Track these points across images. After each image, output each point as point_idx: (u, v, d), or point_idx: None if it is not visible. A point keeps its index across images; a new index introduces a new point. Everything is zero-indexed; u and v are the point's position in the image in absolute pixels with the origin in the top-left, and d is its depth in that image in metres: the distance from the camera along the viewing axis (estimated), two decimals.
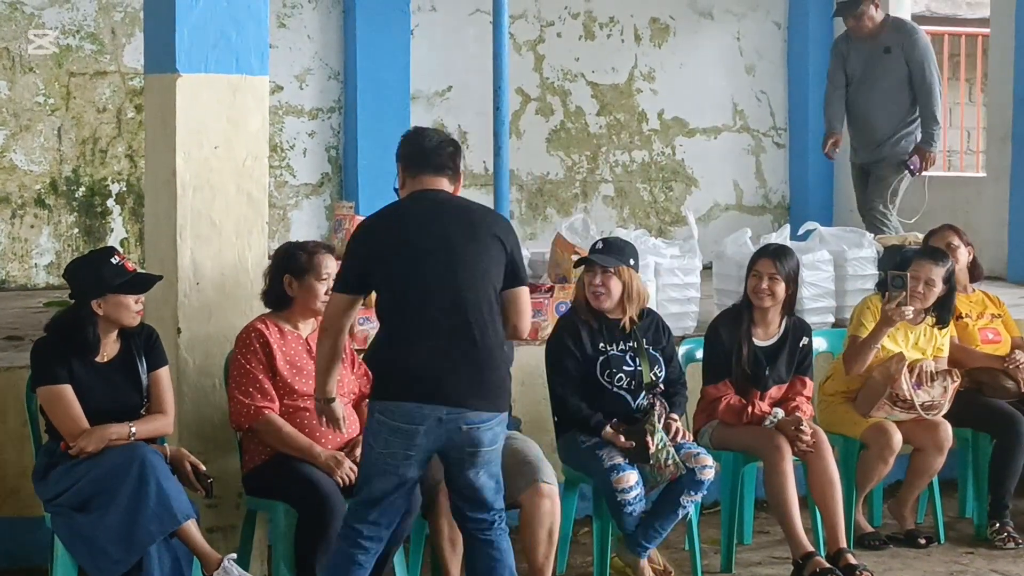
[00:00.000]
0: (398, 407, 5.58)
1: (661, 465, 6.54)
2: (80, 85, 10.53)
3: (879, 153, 9.87)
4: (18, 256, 10.38)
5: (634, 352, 6.77)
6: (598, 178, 12.27)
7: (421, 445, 5.59)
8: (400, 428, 5.58)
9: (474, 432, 5.58)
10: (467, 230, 5.64)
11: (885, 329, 7.28)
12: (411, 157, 5.80)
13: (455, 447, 5.62)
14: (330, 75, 11.35)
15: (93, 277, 5.97)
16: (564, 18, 12.10)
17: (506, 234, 5.71)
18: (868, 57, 9.83)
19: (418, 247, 5.62)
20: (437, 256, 5.60)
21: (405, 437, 5.58)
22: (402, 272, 5.62)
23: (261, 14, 6.59)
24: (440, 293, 5.58)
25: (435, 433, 5.57)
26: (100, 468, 5.74)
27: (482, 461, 5.65)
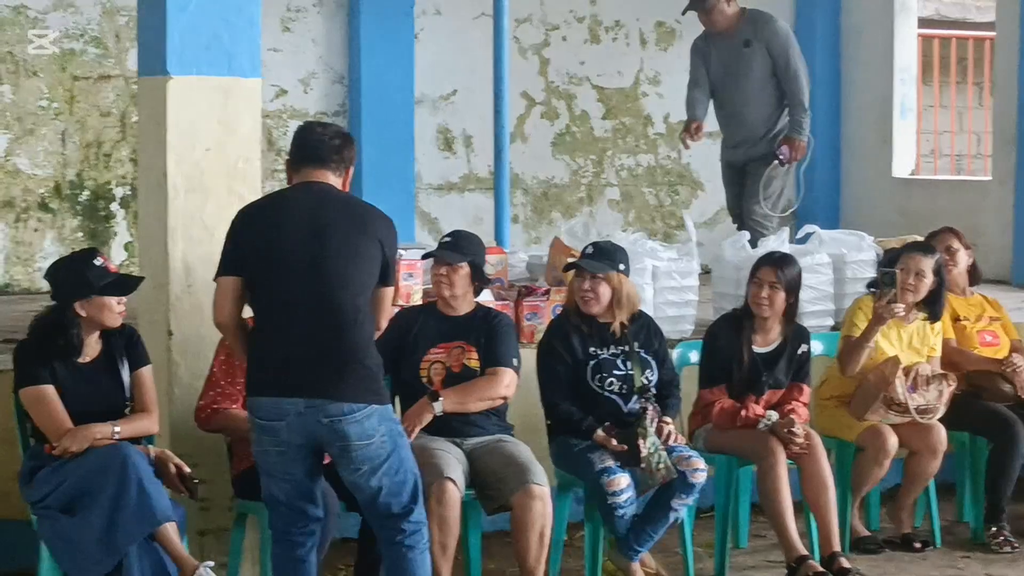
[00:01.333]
0: (261, 403, 5.56)
1: (652, 469, 6.52)
2: (84, 89, 10.55)
3: (756, 150, 9.43)
4: (22, 260, 10.40)
5: (625, 356, 6.76)
6: (603, 182, 12.26)
7: (289, 441, 5.53)
8: (264, 425, 5.56)
9: (336, 425, 5.48)
10: (343, 224, 5.58)
11: (877, 327, 7.25)
12: (296, 150, 5.80)
13: (326, 442, 5.54)
14: (334, 79, 11.36)
15: (76, 279, 5.96)
16: (569, 22, 12.09)
17: (384, 234, 5.64)
18: (729, 53, 9.41)
19: (289, 236, 5.57)
20: (306, 247, 5.54)
21: (271, 434, 5.55)
22: (270, 261, 5.58)
23: (253, 16, 6.58)
24: (307, 284, 5.52)
25: (298, 427, 5.50)
26: (83, 469, 5.73)
27: (360, 459, 5.52)
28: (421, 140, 11.47)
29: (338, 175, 5.74)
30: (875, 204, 12.03)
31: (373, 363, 5.60)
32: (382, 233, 5.65)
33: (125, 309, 6.05)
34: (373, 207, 5.81)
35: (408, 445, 5.74)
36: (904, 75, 12.14)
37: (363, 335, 5.58)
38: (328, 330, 5.52)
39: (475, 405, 6.53)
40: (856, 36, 12.36)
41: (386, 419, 5.60)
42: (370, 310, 5.63)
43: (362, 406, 5.51)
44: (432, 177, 11.68)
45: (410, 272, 7.26)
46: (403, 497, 5.63)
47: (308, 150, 5.76)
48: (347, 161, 5.77)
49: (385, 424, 5.58)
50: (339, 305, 5.53)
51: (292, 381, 5.51)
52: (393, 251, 5.71)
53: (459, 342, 6.60)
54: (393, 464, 5.59)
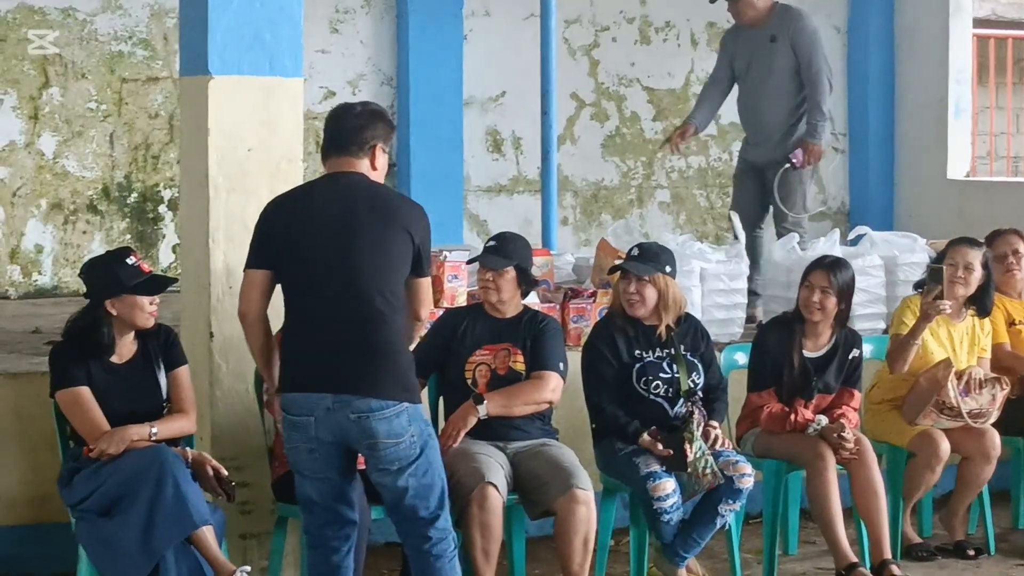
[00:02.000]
0: (291, 399, 5.50)
1: (699, 473, 6.43)
2: (132, 91, 10.55)
3: (776, 152, 9.06)
4: (70, 262, 10.40)
5: (671, 359, 6.67)
6: (654, 184, 12.17)
7: (318, 438, 5.45)
8: (295, 421, 5.49)
9: (364, 421, 5.39)
10: (371, 215, 5.49)
11: (924, 325, 7.15)
12: (326, 137, 5.69)
13: (354, 440, 5.45)
14: (383, 81, 11.31)
15: (108, 277, 5.94)
16: (619, 23, 12.01)
17: (413, 223, 5.53)
18: (755, 48, 9.08)
19: (318, 229, 5.50)
20: (333, 241, 5.47)
21: (301, 431, 5.48)
22: (298, 256, 5.51)
23: (296, 15, 6.52)
24: (334, 277, 5.45)
25: (327, 423, 5.42)
26: (121, 472, 5.70)
27: (389, 457, 5.43)
28: (470, 142, 11.41)
29: (362, 157, 5.60)
30: (929, 206, 11.88)
31: (404, 360, 5.52)
32: (410, 223, 5.54)
33: (157, 310, 6.00)
34: (401, 196, 5.74)
35: (438, 449, 5.64)
36: (959, 76, 11.99)
37: (392, 330, 5.48)
38: (356, 324, 5.44)
39: (520, 409, 6.46)
40: (910, 36, 12.22)
41: (417, 419, 5.50)
42: (403, 304, 5.54)
43: (392, 403, 5.42)
44: (481, 179, 11.62)
45: (455, 274, 7.18)
46: (430, 501, 5.54)
47: (330, 137, 5.67)
48: (372, 139, 5.61)
49: (416, 424, 5.48)
50: (367, 299, 5.44)
51: (320, 375, 5.44)
52: (425, 240, 5.59)
53: (506, 344, 6.53)
54: (421, 466, 5.50)
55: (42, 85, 10.32)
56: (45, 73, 10.32)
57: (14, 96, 10.26)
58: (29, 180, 10.31)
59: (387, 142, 5.69)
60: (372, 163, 5.63)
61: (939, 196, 11.92)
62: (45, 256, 10.38)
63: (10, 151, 10.27)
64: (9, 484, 6.69)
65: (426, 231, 5.61)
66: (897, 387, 7.33)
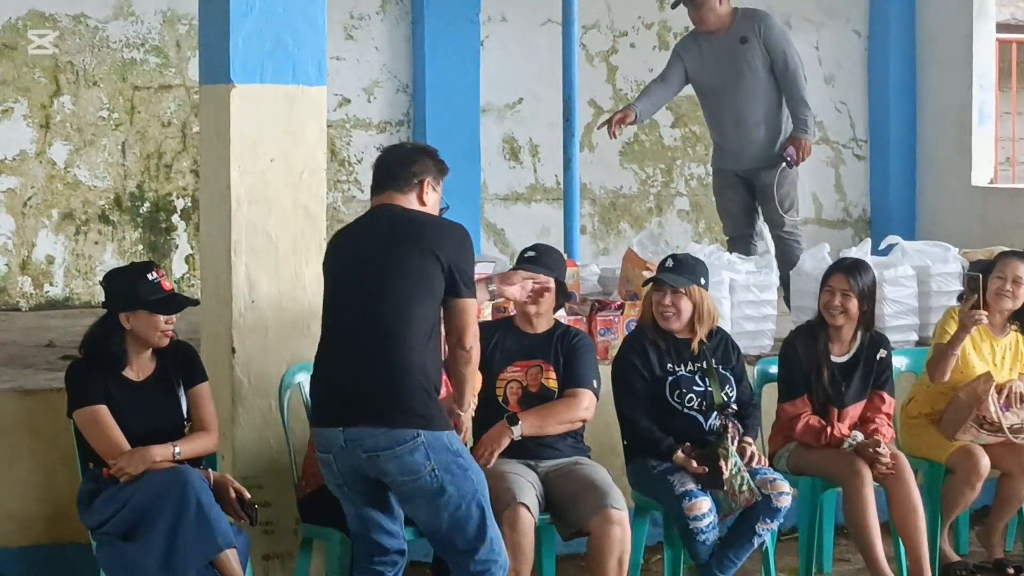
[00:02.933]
0: (317, 433, 5.50)
1: (735, 491, 6.29)
2: (145, 99, 10.41)
3: (763, 155, 8.80)
4: (82, 273, 10.26)
5: (703, 372, 6.53)
6: (673, 192, 12.02)
7: (343, 474, 5.42)
8: (321, 458, 5.48)
9: (375, 460, 5.31)
10: (390, 241, 5.44)
11: (963, 334, 7.02)
12: (374, 176, 5.71)
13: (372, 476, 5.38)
14: (398, 87, 11.17)
15: (126, 289, 5.82)
16: (638, 28, 11.86)
17: (442, 244, 5.43)
18: (723, 52, 8.83)
19: (343, 259, 5.51)
20: (353, 267, 5.44)
21: (327, 467, 5.47)
22: (328, 285, 5.55)
23: (318, 22, 6.39)
24: (351, 306, 5.40)
25: (344, 461, 5.38)
26: (143, 493, 5.57)
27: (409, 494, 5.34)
28: (487, 150, 11.28)
29: (408, 192, 5.58)
30: (953, 214, 11.72)
31: (418, 383, 5.35)
32: (436, 243, 5.43)
33: (172, 330, 5.85)
34: (432, 218, 5.61)
35: (472, 478, 5.46)
36: (983, 81, 11.84)
37: (407, 353, 5.35)
38: (368, 352, 5.35)
39: (554, 428, 6.32)
40: (932, 41, 12.07)
41: (437, 450, 5.32)
42: (428, 329, 5.41)
43: (404, 437, 5.29)
44: (498, 187, 11.47)
45: None
46: (467, 533, 5.41)
47: (376, 173, 5.70)
48: (418, 174, 5.60)
49: (435, 456, 5.31)
50: (381, 326, 5.36)
51: (333, 409, 5.40)
52: (458, 259, 5.47)
53: (537, 360, 6.37)
54: (452, 499, 5.36)
55: (53, 93, 10.18)
56: (56, 81, 10.18)
57: (25, 104, 10.12)
58: (40, 190, 10.17)
59: (437, 180, 5.68)
60: (420, 199, 5.59)
61: (962, 203, 11.76)
62: (56, 267, 10.24)
63: (21, 160, 10.13)
64: (25, 503, 6.57)
65: (458, 249, 5.49)
66: (935, 401, 7.18)
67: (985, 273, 7.21)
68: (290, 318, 6.34)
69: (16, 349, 8.16)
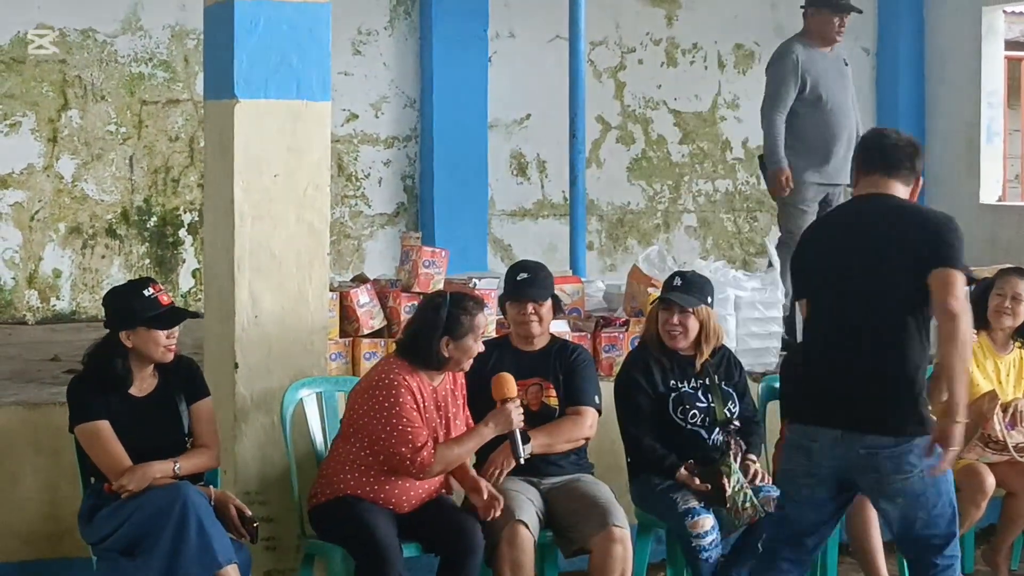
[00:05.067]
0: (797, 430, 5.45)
1: (739, 509, 6.26)
2: (152, 113, 10.44)
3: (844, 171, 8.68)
4: (88, 287, 10.27)
5: (706, 389, 6.52)
6: (680, 208, 12.02)
7: (819, 464, 5.36)
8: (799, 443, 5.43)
9: (873, 458, 5.27)
10: (883, 236, 5.29)
11: None
12: (865, 155, 5.50)
13: (858, 472, 5.35)
14: (406, 103, 11.19)
15: (124, 308, 5.78)
16: (646, 44, 11.88)
17: (928, 232, 5.23)
18: (837, 70, 8.94)
19: (845, 254, 5.36)
20: (859, 267, 5.31)
21: (803, 452, 5.40)
22: (823, 278, 5.41)
23: (323, 38, 6.37)
24: (845, 305, 5.33)
25: (831, 454, 5.33)
26: (144, 510, 5.54)
27: (895, 492, 5.32)
28: (494, 165, 11.29)
29: (907, 185, 5.42)
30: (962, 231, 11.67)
31: (918, 390, 5.34)
32: (921, 233, 5.23)
33: (175, 344, 5.82)
34: (931, 215, 5.38)
35: (947, 478, 5.45)
36: (992, 99, 11.85)
37: (906, 359, 5.30)
38: (863, 357, 5.30)
39: (561, 447, 6.34)
40: (941, 59, 12.08)
41: (925, 452, 5.33)
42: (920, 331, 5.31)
43: (904, 440, 5.29)
44: (505, 203, 11.48)
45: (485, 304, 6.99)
46: (940, 530, 5.42)
47: (878, 156, 5.45)
48: (917, 171, 5.44)
49: (925, 459, 5.31)
50: (876, 329, 5.29)
51: (824, 410, 5.34)
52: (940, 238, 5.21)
53: (536, 379, 6.36)
54: (930, 498, 5.37)
55: (61, 107, 10.21)
56: (64, 95, 10.21)
57: (33, 118, 10.15)
58: (47, 204, 10.19)
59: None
60: (912, 192, 5.45)
61: (971, 221, 11.68)
62: (63, 281, 10.25)
63: (28, 174, 10.15)
64: (28, 518, 6.56)
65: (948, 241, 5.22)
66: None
67: (984, 291, 7.19)
68: (293, 334, 6.33)
69: (21, 363, 8.16)
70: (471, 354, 6.00)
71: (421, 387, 5.97)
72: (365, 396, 5.94)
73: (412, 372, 5.97)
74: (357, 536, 5.79)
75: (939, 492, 5.40)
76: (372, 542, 5.74)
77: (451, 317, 5.96)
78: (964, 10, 11.90)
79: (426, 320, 6.01)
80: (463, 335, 5.95)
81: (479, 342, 6.01)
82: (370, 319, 6.95)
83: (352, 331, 6.92)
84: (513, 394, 5.98)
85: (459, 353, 5.98)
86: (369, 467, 5.93)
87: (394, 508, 5.93)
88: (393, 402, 5.87)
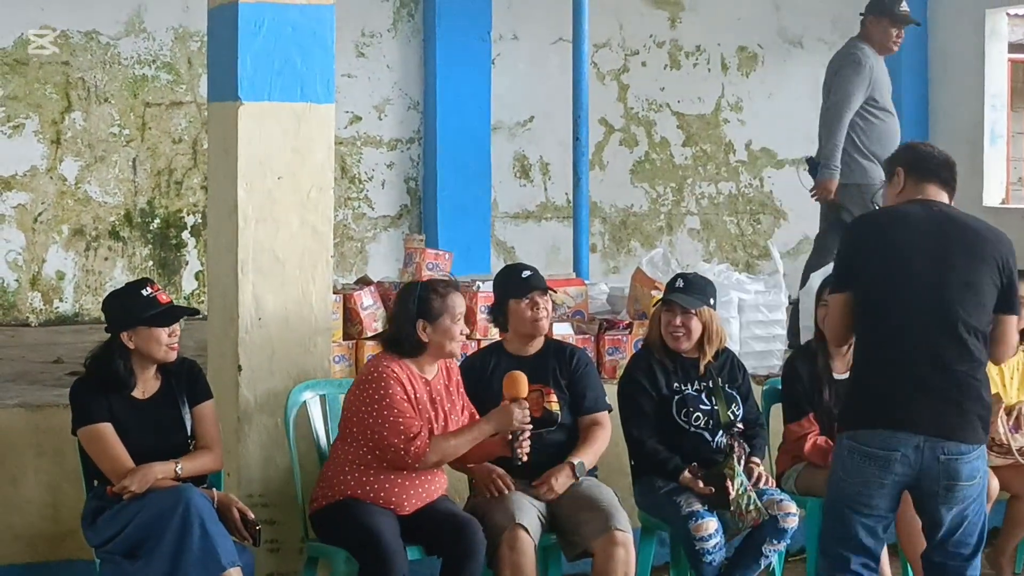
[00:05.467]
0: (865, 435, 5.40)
1: (742, 511, 6.26)
2: (155, 115, 10.43)
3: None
4: (91, 289, 10.26)
5: (710, 391, 6.51)
6: (683, 210, 12.01)
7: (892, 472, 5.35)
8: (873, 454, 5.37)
9: (952, 464, 5.31)
10: (965, 247, 5.35)
11: None
12: (919, 163, 5.56)
13: (930, 478, 5.35)
14: (409, 105, 11.18)
15: (123, 309, 5.78)
16: (649, 47, 11.86)
17: (1006, 257, 5.40)
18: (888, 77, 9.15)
19: (908, 257, 5.36)
20: (927, 273, 5.34)
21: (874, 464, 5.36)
22: (884, 280, 5.39)
23: (327, 40, 6.37)
24: (924, 312, 5.33)
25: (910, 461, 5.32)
26: (146, 512, 5.53)
27: (959, 497, 5.37)
28: (497, 168, 11.27)
29: (951, 198, 5.54)
30: None
31: (988, 398, 5.44)
32: (1001, 256, 5.40)
33: (177, 343, 5.81)
34: (991, 228, 5.51)
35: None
36: (995, 101, 11.83)
37: (980, 369, 5.39)
38: (944, 363, 5.32)
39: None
40: (944, 61, 12.06)
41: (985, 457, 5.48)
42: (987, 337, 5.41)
43: (977, 446, 5.37)
44: (508, 205, 11.47)
45: (487, 304, 6.97)
46: (976, 537, 5.49)
47: (934, 167, 5.55)
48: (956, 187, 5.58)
49: (985, 465, 5.46)
50: (957, 336, 5.33)
51: (903, 415, 5.33)
52: (1016, 275, 5.44)
53: (536, 386, 6.31)
54: (979, 505, 5.46)
55: (64, 109, 10.20)
56: (67, 97, 10.20)
57: (36, 120, 10.14)
58: (51, 205, 10.18)
59: None
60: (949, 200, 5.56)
61: None
62: (67, 283, 10.24)
63: (32, 176, 10.14)
64: (30, 520, 6.55)
65: (1013, 263, 5.46)
66: None
67: None
68: (296, 336, 6.32)
69: (24, 365, 8.15)
70: (452, 335, 5.99)
71: (412, 379, 5.98)
72: (356, 393, 5.97)
73: (401, 365, 5.98)
74: (361, 539, 5.78)
75: (982, 500, 5.49)
76: (377, 544, 5.73)
77: (422, 300, 5.99)
78: (967, 12, 11.88)
79: (401, 308, 6.06)
80: (437, 316, 5.96)
81: (457, 323, 6.00)
82: (373, 321, 6.95)
83: (355, 333, 6.93)
84: (523, 394, 5.97)
85: (438, 336, 5.98)
86: (368, 466, 5.93)
87: (395, 509, 5.92)
88: (383, 394, 5.88)
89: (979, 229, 5.45)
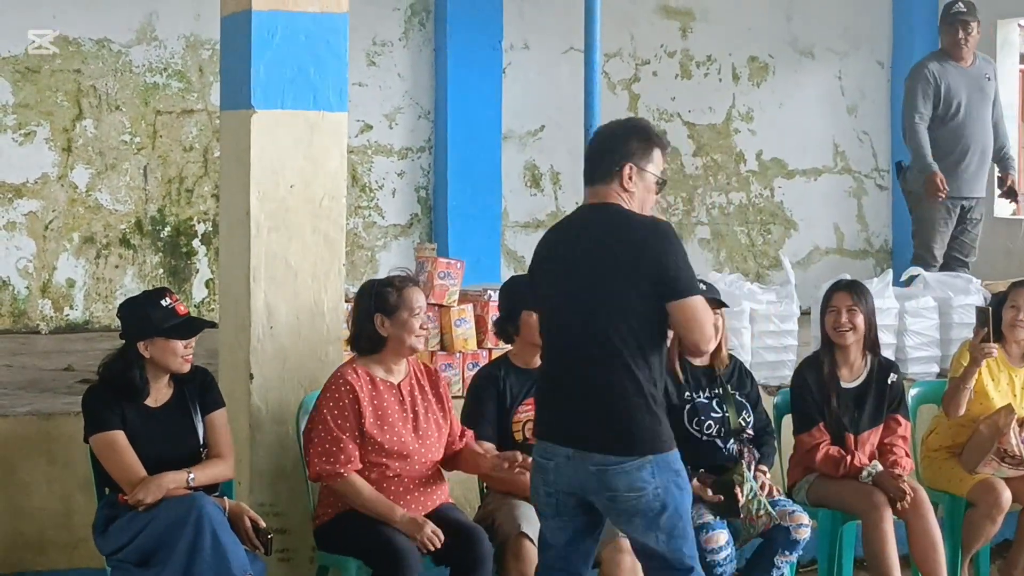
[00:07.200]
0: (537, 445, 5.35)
1: (753, 516, 6.26)
2: (167, 123, 10.42)
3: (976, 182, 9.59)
4: (102, 297, 10.26)
5: (720, 399, 6.50)
6: (694, 220, 11.98)
7: (556, 483, 5.24)
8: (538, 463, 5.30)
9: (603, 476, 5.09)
10: (599, 248, 5.14)
11: (974, 368, 7.00)
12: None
13: (593, 492, 5.19)
14: (420, 114, 11.16)
15: (141, 318, 5.78)
16: (660, 56, 11.84)
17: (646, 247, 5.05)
18: (973, 83, 9.49)
19: (556, 266, 5.29)
20: (566, 277, 5.21)
21: (542, 473, 5.28)
22: (545, 290, 5.34)
23: (340, 49, 6.37)
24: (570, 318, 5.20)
25: (567, 472, 5.18)
26: (158, 521, 5.52)
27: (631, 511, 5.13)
28: (508, 177, 11.25)
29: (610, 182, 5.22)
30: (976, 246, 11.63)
31: (642, 404, 5.11)
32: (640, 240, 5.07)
33: (192, 355, 5.81)
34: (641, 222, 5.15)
35: (688, 498, 5.28)
36: (1007, 112, 11.73)
37: (620, 374, 5.09)
38: (581, 370, 5.16)
39: None
40: None
41: (663, 470, 5.14)
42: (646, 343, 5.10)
43: (631, 457, 5.10)
44: (519, 215, 11.45)
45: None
46: (684, 552, 5.20)
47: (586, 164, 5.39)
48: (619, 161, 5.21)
49: (660, 476, 5.12)
50: (590, 339, 5.13)
51: (559, 427, 5.22)
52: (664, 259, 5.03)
53: None
54: (671, 518, 5.15)
55: (76, 117, 10.20)
56: (79, 105, 10.20)
57: (47, 128, 10.13)
58: (61, 213, 10.18)
59: (643, 160, 5.22)
60: (622, 185, 5.20)
61: (985, 235, 11.63)
62: (77, 291, 10.24)
63: (43, 183, 10.14)
64: (41, 528, 6.55)
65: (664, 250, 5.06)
66: (956, 434, 7.13)
67: (999, 304, 7.17)
68: (308, 345, 6.31)
69: (35, 373, 8.15)
70: (410, 329, 5.98)
71: (374, 384, 5.97)
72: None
73: (363, 371, 5.98)
74: (373, 544, 5.78)
75: (680, 513, 5.22)
76: (391, 550, 5.73)
77: (379, 296, 6.01)
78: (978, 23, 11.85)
79: (359, 305, 6.07)
80: (394, 310, 5.97)
81: (416, 317, 5.98)
82: None
83: None
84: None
85: (396, 329, 5.98)
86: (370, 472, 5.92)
87: None
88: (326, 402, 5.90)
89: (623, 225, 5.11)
